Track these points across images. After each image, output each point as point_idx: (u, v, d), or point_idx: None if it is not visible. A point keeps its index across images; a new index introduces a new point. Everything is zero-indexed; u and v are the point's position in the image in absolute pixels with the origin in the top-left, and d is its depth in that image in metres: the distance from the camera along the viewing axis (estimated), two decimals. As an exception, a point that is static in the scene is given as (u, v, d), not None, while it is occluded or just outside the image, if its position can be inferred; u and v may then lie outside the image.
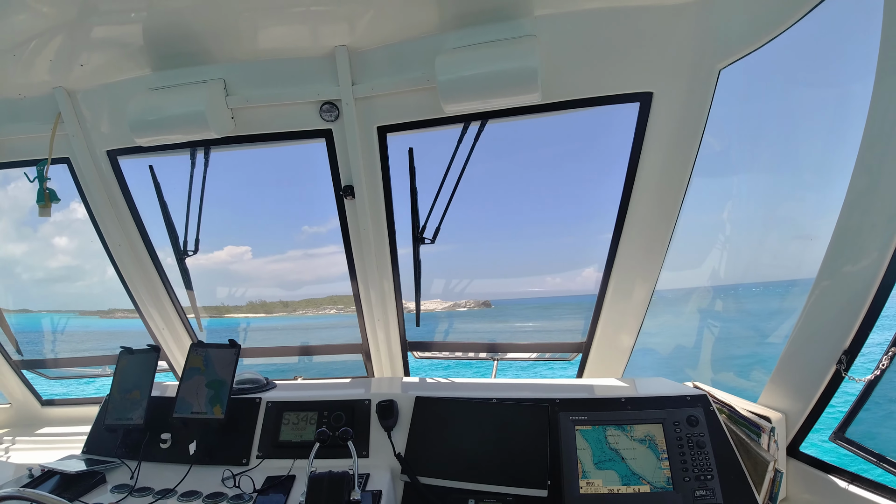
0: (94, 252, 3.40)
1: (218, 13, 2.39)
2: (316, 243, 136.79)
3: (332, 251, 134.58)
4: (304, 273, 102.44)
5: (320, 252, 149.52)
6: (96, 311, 12.50)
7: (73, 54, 2.65)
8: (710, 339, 4.32)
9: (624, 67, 2.47)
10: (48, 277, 11.63)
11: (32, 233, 6.29)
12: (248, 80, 2.76)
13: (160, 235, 3.35)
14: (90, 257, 23.14)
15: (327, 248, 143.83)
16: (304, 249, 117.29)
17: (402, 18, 2.44)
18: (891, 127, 1.69)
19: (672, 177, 2.62)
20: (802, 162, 3.53)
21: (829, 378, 2.08)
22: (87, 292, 24.19)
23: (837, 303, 2.00)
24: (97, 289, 26.52)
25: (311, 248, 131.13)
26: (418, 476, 2.29)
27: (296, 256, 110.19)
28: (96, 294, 20.82)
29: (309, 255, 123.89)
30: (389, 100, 2.72)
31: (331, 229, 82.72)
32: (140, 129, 2.70)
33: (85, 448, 2.66)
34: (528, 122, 2.80)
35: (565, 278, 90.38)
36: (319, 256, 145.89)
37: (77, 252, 32.73)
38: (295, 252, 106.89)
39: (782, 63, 2.43)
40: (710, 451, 2.17)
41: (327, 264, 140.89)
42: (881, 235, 1.78)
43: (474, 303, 32.93)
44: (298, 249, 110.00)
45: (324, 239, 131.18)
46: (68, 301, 9.66)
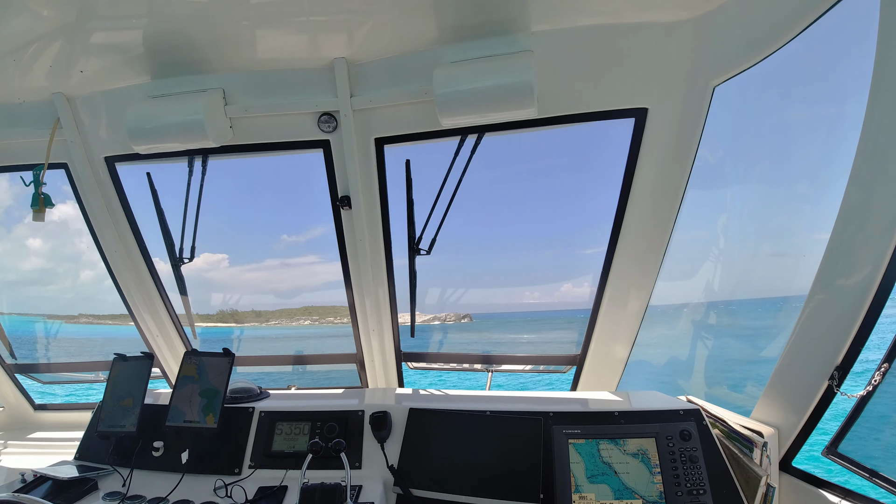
0: (67, 255, 3.38)
1: (218, 22, 2.40)
2: (294, 253, 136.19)
3: (311, 261, 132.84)
4: (282, 283, 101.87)
5: (298, 262, 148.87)
6: (63, 315, 12.38)
7: (73, 60, 2.66)
8: (703, 353, 4.33)
9: (619, 83, 2.49)
10: (20, 280, 11.47)
11: (6, 233, 6.22)
12: (247, 89, 2.78)
13: (156, 242, 3.35)
14: (63, 261, 23.00)
15: (306, 258, 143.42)
16: (281, 259, 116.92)
17: (401, 31, 2.46)
18: (885, 141, 1.70)
19: (667, 190, 2.64)
20: (797, 175, 3.56)
21: (821, 393, 2.08)
22: (60, 296, 24.03)
23: (830, 317, 2.00)
24: (69, 294, 26.19)
25: (288, 257, 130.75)
26: (411, 488, 2.28)
27: (273, 266, 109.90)
28: (68, 299, 20.64)
29: (286, 265, 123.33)
30: (387, 112, 2.73)
31: (310, 239, 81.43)
32: (138, 137, 2.70)
33: (77, 454, 2.65)
34: (523, 136, 2.81)
35: (550, 293, 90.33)
36: (297, 266, 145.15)
37: (50, 255, 32.27)
38: (272, 261, 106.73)
39: (777, 78, 2.45)
40: (702, 466, 2.17)
41: (305, 274, 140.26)
42: (875, 249, 1.78)
43: (455, 316, 32.43)
44: (276, 258, 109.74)
45: (303, 249, 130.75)
46: (38, 304, 9.48)
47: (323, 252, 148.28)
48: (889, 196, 1.72)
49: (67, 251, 6.66)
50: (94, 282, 22.46)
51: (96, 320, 6.41)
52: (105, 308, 12.70)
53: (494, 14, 2.34)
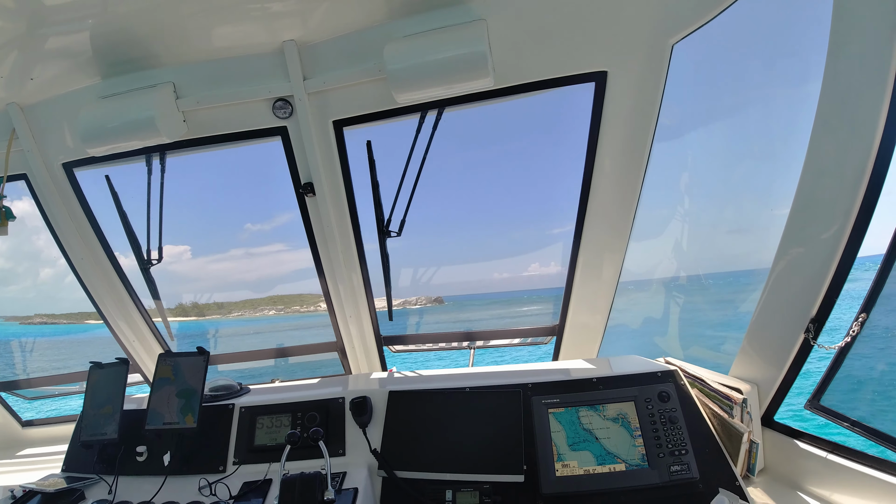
0: (26, 254, 3.32)
1: (163, 15, 2.33)
2: (259, 241, 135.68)
3: (278, 249, 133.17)
4: (247, 273, 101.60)
5: (265, 251, 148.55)
6: (15, 317, 12.34)
7: (25, 69, 2.60)
8: (679, 314, 4.35)
9: (576, 47, 2.45)
10: (-23, 283, 11.44)
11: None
12: (198, 81, 2.71)
13: (124, 246, 3.30)
14: (22, 259, 22.84)
15: (273, 247, 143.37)
16: (245, 248, 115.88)
17: (351, 9, 2.40)
18: (846, 92, 1.68)
19: (632, 152, 2.62)
20: (761, 129, 3.53)
21: (797, 347, 2.08)
22: (22, 297, 23.67)
23: (802, 270, 1.99)
24: (31, 293, 25.93)
25: (253, 246, 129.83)
26: (396, 471, 2.28)
27: (237, 255, 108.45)
28: (30, 299, 20.49)
29: (251, 255, 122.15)
30: (343, 93, 2.67)
31: (276, 227, 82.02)
32: (91, 139, 2.64)
33: (64, 466, 2.64)
34: (486, 110, 2.77)
35: (519, 270, 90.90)
36: (264, 255, 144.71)
37: (10, 254, 31.88)
38: (237, 251, 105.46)
39: (736, 34, 2.42)
40: (682, 426, 2.18)
41: (272, 263, 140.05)
42: (844, 198, 1.76)
43: (426, 299, 32.45)
44: (240, 248, 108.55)
45: (268, 237, 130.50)
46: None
47: (290, 240, 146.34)
48: (855, 143, 1.69)
49: (27, 248, 6.58)
50: (55, 279, 22.08)
51: (51, 320, 6.37)
52: (66, 306, 12.58)
53: None
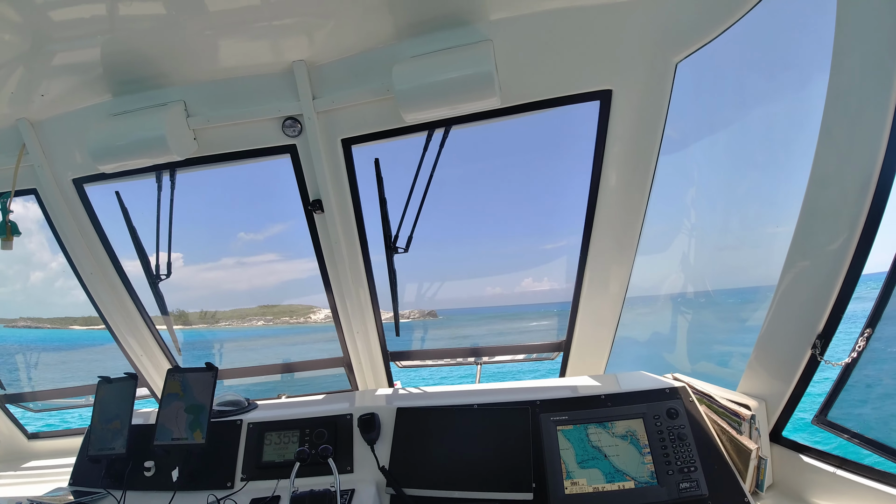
0: (18, 257, 3.34)
1: (175, 35, 2.37)
2: (251, 251, 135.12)
3: (270, 259, 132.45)
4: (239, 283, 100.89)
5: (255, 261, 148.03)
6: (2, 319, 12.26)
7: (33, 85, 2.62)
8: (687, 329, 4.34)
9: (581, 66, 2.47)
10: (-38, 285, 11.40)
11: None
12: (208, 100, 2.74)
13: (133, 261, 3.32)
14: (12, 262, 22.73)
15: (264, 256, 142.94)
16: (237, 258, 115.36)
17: (360, 30, 2.43)
18: (851, 103, 1.69)
19: (637, 169, 2.63)
20: (765, 144, 3.55)
21: (805, 363, 2.08)
22: (11, 299, 23.47)
23: (809, 285, 1.99)
24: (20, 296, 25.63)
25: (245, 256, 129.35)
26: (404, 488, 2.27)
27: (229, 265, 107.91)
28: (19, 302, 20.27)
29: (242, 264, 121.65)
30: (351, 112, 2.70)
31: (268, 237, 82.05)
32: (102, 157, 2.67)
33: (71, 480, 2.65)
34: (492, 127, 2.80)
35: (512, 286, 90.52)
36: (255, 265, 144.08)
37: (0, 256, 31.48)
38: (228, 260, 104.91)
39: (739, 51, 2.44)
40: (691, 443, 2.18)
41: (264, 273, 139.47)
42: (849, 212, 1.77)
43: (419, 313, 32.10)
44: (232, 257, 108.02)
45: (261, 247, 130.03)
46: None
47: (283, 250, 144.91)
48: (859, 157, 1.70)
49: (17, 252, 6.50)
50: (45, 283, 21.81)
51: (36, 324, 6.25)
52: (55, 311, 12.51)
53: (452, 5, 2.31)
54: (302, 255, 30.09)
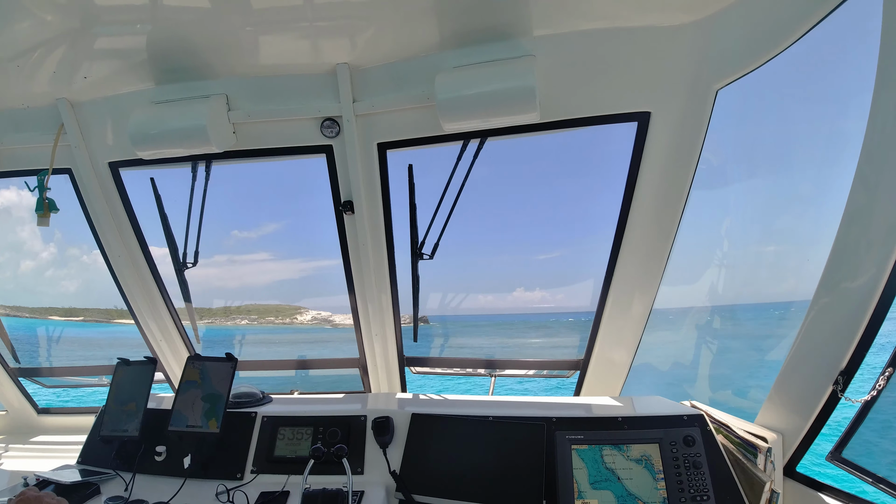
0: (9, 244, 3.34)
1: (221, 28, 2.41)
2: (244, 249, 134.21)
3: (263, 258, 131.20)
4: (229, 280, 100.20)
5: (248, 259, 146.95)
6: None
7: (76, 66, 2.67)
8: (708, 357, 4.30)
9: (621, 87, 2.49)
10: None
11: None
12: (250, 95, 2.78)
13: (160, 247, 3.37)
14: (3, 250, 22.76)
15: (257, 255, 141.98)
16: (229, 255, 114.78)
17: (403, 36, 2.46)
18: (889, 141, 1.69)
19: (670, 194, 2.63)
20: (799, 177, 3.54)
21: (825, 398, 2.07)
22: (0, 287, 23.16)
23: (834, 321, 1.98)
24: (10, 284, 25.52)
25: (237, 254, 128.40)
26: (413, 494, 2.28)
27: (220, 262, 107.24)
28: (9, 290, 20.07)
29: (233, 262, 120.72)
30: (389, 117, 2.73)
31: (262, 235, 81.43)
32: (141, 142, 2.71)
33: (80, 458, 2.66)
34: (526, 138, 2.81)
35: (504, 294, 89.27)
36: (247, 263, 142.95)
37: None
38: (220, 257, 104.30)
39: (779, 79, 2.44)
40: (706, 472, 2.16)
41: (256, 272, 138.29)
42: (878, 252, 1.76)
43: (409, 318, 32.01)
44: (224, 255, 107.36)
45: (254, 245, 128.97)
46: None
47: (275, 249, 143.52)
48: (893, 198, 1.70)
49: (9, 239, 6.43)
50: (36, 272, 21.59)
51: (14, 312, 6.13)
52: (46, 301, 12.48)
53: (496, 19, 2.34)
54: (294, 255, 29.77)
